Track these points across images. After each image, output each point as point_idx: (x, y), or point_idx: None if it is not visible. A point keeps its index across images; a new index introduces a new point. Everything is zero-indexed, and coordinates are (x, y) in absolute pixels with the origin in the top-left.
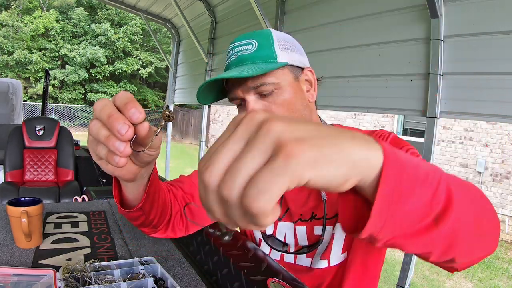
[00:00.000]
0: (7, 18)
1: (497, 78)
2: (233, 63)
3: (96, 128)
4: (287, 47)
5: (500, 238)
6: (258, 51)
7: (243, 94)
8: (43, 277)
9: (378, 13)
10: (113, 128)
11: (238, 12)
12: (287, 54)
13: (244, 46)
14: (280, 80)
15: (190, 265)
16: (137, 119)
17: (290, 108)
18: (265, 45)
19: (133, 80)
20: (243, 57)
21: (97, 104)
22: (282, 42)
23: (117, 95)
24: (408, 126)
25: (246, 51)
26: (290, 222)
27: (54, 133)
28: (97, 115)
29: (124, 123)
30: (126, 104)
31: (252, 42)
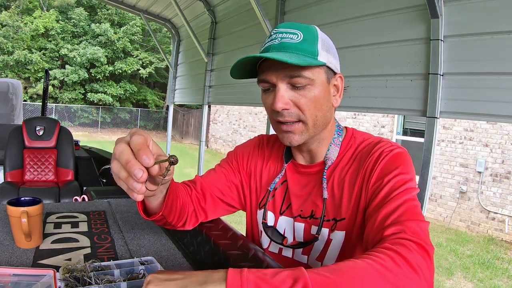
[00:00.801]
0: (7, 18)
1: (497, 78)
2: (274, 46)
3: (117, 168)
4: (328, 49)
5: (500, 238)
6: (302, 43)
7: (277, 80)
8: (43, 277)
9: (378, 13)
10: (130, 172)
11: (238, 12)
12: (327, 55)
13: (289, 34)
14: (315, 77)
15: (190, 265)
16: (147, 164)
17: (317, 106)
18: (309, 40)
19: (133, 80)
20: (286, 44)
21: (117, 148)
22: (324, 43)
23: (133, 139)
24: (408, 126)
25: (291, 40)
26: (290, 218)
27: (54, 133)
28: (116, 157)
29: (139, 168)
30: (139, 151)
31: (298, 33)
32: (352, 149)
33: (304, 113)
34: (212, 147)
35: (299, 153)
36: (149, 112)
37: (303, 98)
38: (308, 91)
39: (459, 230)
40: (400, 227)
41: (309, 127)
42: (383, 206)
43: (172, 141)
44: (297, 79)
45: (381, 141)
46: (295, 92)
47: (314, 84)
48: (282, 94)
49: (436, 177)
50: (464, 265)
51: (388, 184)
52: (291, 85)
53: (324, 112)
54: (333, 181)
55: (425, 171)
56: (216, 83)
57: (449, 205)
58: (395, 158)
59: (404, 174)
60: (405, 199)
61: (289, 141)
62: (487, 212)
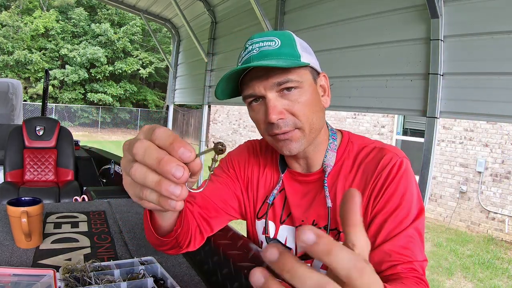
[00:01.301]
0: (7, 18)
1: (497, 78)
2: (254, 57)
3: (142, 173)
4: (307, 50)
5: (500, 238)
6: (282, 48)
7: (265, 90)
8: (43, 277)
9: (378, 13)
10: (166, 173)
11: (238, 12)
12: (307, 56)
13: (266, 42)
14: (302, 79)
15: (190, 265)
16: (189, 158)
17: (311, 109)
18: (288, 44)
19: (133, 80)
20: (266, 52)
21: (137, 146)
22: (303, 45)
23: (155, 133)
24: (408, 126)
25: (269, 47)
26: (292, 226)
27: (54, 133)
28: (140, 159)
29: (178, 165)
30: (172, 144)
31: (275, 40)
32: (352, 155)
33: (300, 119)
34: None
35: (295, 161)
36: (149, 112)
37: (296, 104)
38: (299, 95)
39: (459, 230)
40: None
41: (306, 133)
42: (393, 238)
43: None
44: (285, 85)
45: (385, 149)
46: (286, 99)
47: (303, 87)
48: (274, 104)
49: (436, 177)
50: (464, 265)
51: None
52: (280, 92)
53: (318, 114)
54: (336, 190)
55: (425, 171)
56: (216, 83)
57: (449, 205)
58: (404, 177)
59: (412, 195)
60: (412, 231)
61: (288, 150)
62: (487, 212)
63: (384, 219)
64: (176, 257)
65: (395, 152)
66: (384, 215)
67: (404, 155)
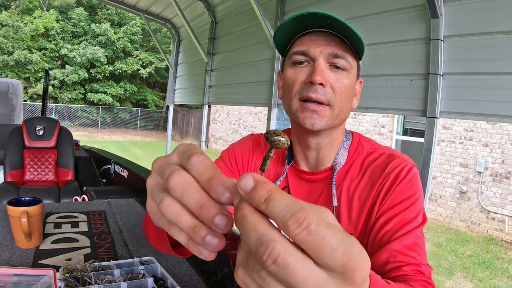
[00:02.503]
0: (7, 18)
1: (497, 78)
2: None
3: (175, 213)
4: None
5: (500, 238)
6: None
7: (319, 54)
8: (43, 277)
9: (378, 13)
10: (208, 221)
11: (238, 12)
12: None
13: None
14: (353, 66)
15: (190, 265)
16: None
17: (347, 96)
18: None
19: (133, 80)
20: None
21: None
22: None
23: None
24: (408, 126)
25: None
26: None
27: (54, 133)
28: (177, 195)
29: (223, 215)
30: (211, 180)
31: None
32: (360, 158)
33: (336, 96)
34: (212, 147)
35: (304, 154)
36: (149, 112)
37: (339, 82)
38: (345, 77)
39: (459, 230)
40: (419, 269)
41: (334, 114)
42: (400, 237)
43: (172, 141)
44: (339, 60)
45: (394, 155)
46: (333, 73)
47: (350, 72)
48: (323, 69)
49: (436, 177)
50: (464, 265)
51: (404, 212)
52: (331, 66)
53: (348, 106)
54: (341, 191)
55: (425, 171)
56: (216, 83)
57: (449, 205)
58: (412, 182)
59: (418, 201)
60: (417, 235)
61: (311, 123)
62: (487, 212)
63: (389, 218)
64: (176, 257)
65: (405, 158)
66: (390, 215)
67: (413, 162)
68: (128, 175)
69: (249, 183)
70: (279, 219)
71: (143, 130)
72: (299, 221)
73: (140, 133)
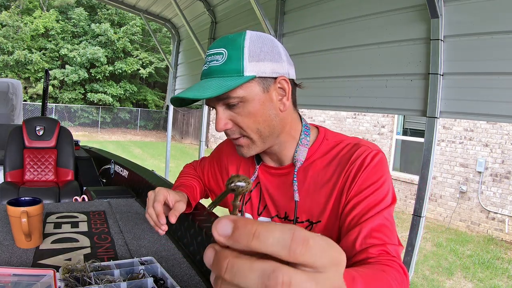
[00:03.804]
0: (7, 18)
1: (497, 78)
2: (204, 73)
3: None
4: (259, 57)
5: (500, 238)
6: (226, 64)
7: (213, 103)
8: (43, 277)
9: (378, 13)
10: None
11: (238, 12)
12: (257, 65)
13: (215, 56)
14: (246, 93)
15: (190, 265)
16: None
17: (256, 120)
18: (234, 57)
19: (133, 80)
20: (212, 69)
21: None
22: (254, 51)
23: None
24: (408, 126)
25: (216, 62)
26: (268, 218)
27: (54, 133)
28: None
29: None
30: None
31: (223, 52)
32: (325, 150)
33: (243, 129)
34: (212, 147)
35: (266, 155)
36: (149, 112)
37: (239, 116)
38: (242, 108)
39: (459, 230)
40: (385, 249)
41: (254, 140)
42: (366, 221)
43: (172, 141)
44: (227, 101)
45: (360, 143)
46: (231, 111)
47: (246, 100)
48: (220, 116)
49: (436, 177)
50: (464, 265)
51: (371, 196)
52: (227, 105)
53: (267, 123)
54: (309, 183)
55: (425, 171)
56: None
57: (449, 205)
58: (378, 167)
59: (384, 184)
60: (385, 216)
61: (240, 153)
62: (487, 212)
63: (356, 203)
64: (176, 257)
65: (369, 146)
66: (357, 200)
67: (379, 149)
68: (128, 175)
69: (227, 227)
70: (280, 248)
71: (143, 130)
72: (302, 241)
73: (140, 133)
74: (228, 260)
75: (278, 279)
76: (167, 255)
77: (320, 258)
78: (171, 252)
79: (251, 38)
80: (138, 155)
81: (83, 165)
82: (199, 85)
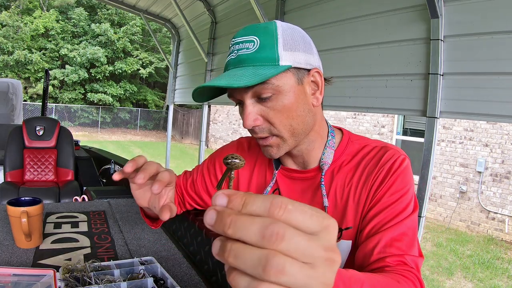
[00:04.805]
0: (7, 18)
1: (497, 78)
2: (232, 62)
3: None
4: (293, 46)
5: (500, 238)
6: (259, 51)
7: (242, 96)
8: (43, 277)
9: (378, 13)
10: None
11: (238, 12)
12: (292, 54)
13: (245, 43)
14: (281, 83)
15: (190, 265)
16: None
17: (289, 115)
18: (267, 45)
19: (133, 80)
20: (242, 57)
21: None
22: (288, 40)
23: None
24: (408, 126)
25: (247, 50)
26: None
27: (54, 133)
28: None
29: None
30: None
31: (254, 40)
32: (352, 153)
33: (275, 126)
34: (212, 147)
35: (290, 158)
36: (149, 112)
37: (271, 111)
38: (276, 101)
39: (459, 230)
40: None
41: (285, 139)
42: (386, 229)
43: (172, 141)
44: (261, 92)
45: (387, 147)
46: (262, 105)
47: (281, 91)
48: (250, 110)
49: (436, 177)
50: (464, 265)
51: (395, 204)
52: (258, 98)
53: (301, 118)
54: (336, 188)
55: (425, 171)
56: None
57: (449, 205)
58: (405, 173)
59: (409, 192)
60: (407, 225)
61: (268, 154)
62: (487, 212)
63: (379, 210)
64: (176, 257)
65: (398, 150)
66: (380, 207)
67: (406, 154)
68: None
69: (223, 199)
70: (262, 212)
71: (143, 130)
72: (279, 206)
73: (140, 133)
74: (231, 217)
75: (273, 230)
76: (167, 255)
77: (303, 221)
78: (171, 252)
79: (282, 26)
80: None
81: (83, 165)
82: (229, 74)
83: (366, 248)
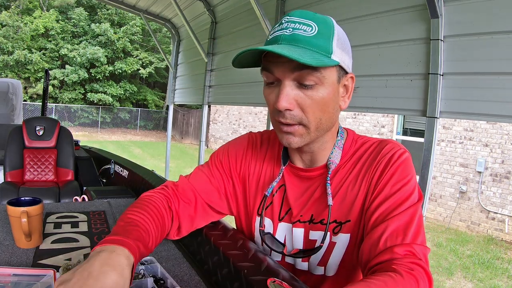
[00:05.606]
0: (7, 18)
1: (497, 78)
2: (285, 38)
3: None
4: (343, 46)
5: (500, 238)
6: (317, 38)
7: (283, 75)
8: (43, 277)
9: (378, 13)
10: None
11: (238, 12)
12: (341, 53)
13: (302, 25)
14: (326, 75)
15: (190, 265)
16: None
17: (323, 108)
18: (325, 35)
19: (133, 80)
20: (298, 37)
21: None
22: (340, 39)
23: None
24: (408, 126)
25: (304, 32)
26: (289, 223)
27: (54, 133)
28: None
29: None
30: None
31: (313, 25)
32: (353, 152)
33: (307, 116)
34: (212, 147)
35: (298, 155)
36: (149, 112)
37: (308, 100)
38: (316, 91)
39: (459, 230)
40: (411, 249)
41: (310, 131)
42: (392, 218)
43: (172, 141)
44: (306, 77)
45: (386, 141)
46: (301, 91)
47: (323, 83)
48: (287, 92)
49: (436, 177)
50: (464, 265)
51: (398, 193)
52: (298, 82)
53: (330, 115)
54: (337, 185)
55: (425, 171)
56: (216, 83)
57: (449, 205)
58: (405, 164)
59: (411, 181)
60: (412, 213)
61: (288, 142)
62: (487, 212)
63: (381, 200)
64: (176, 257)
65: (397, 144)
66: (382, 197)
67: (406, 149)
68: (128, 175)
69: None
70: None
71: (143, 130)
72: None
73: (140, 133)
74: None
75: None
76: (167, 255)
77: None
78: (171, 252)
79: (337, 25)
80: (138, 155)
81: (83, 165)
82: (282, 47)
83: (372, 238)
